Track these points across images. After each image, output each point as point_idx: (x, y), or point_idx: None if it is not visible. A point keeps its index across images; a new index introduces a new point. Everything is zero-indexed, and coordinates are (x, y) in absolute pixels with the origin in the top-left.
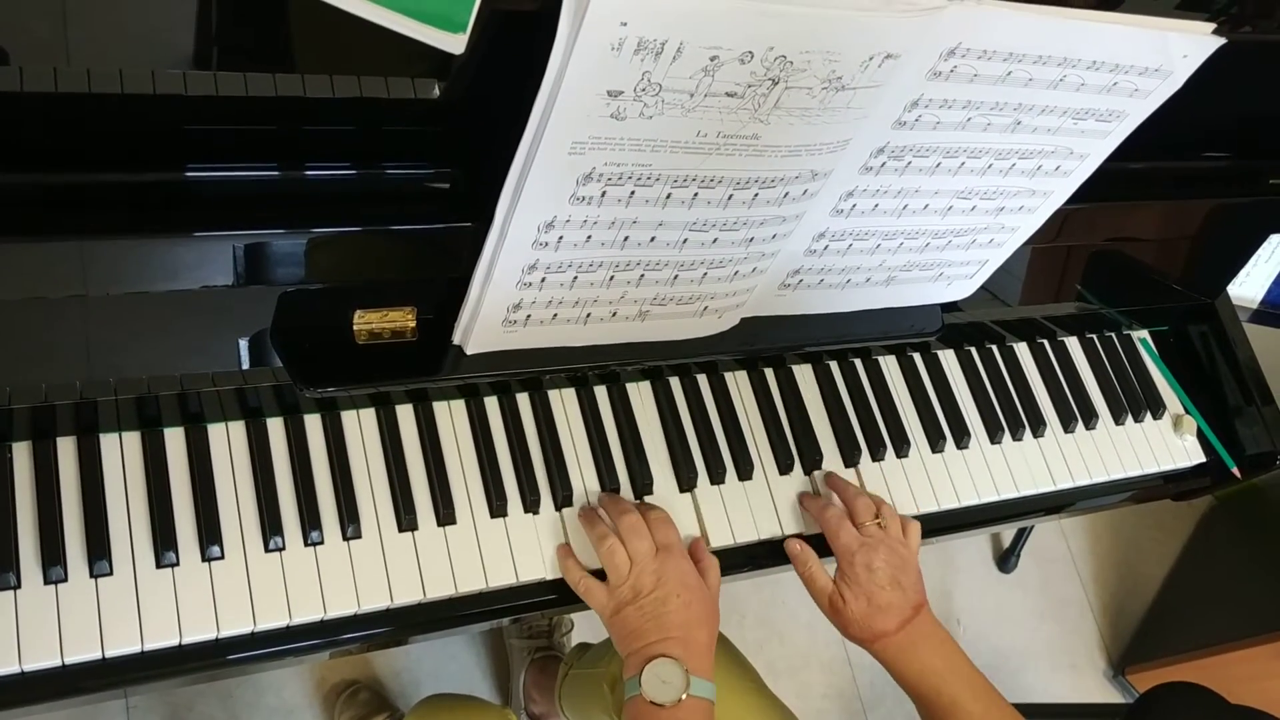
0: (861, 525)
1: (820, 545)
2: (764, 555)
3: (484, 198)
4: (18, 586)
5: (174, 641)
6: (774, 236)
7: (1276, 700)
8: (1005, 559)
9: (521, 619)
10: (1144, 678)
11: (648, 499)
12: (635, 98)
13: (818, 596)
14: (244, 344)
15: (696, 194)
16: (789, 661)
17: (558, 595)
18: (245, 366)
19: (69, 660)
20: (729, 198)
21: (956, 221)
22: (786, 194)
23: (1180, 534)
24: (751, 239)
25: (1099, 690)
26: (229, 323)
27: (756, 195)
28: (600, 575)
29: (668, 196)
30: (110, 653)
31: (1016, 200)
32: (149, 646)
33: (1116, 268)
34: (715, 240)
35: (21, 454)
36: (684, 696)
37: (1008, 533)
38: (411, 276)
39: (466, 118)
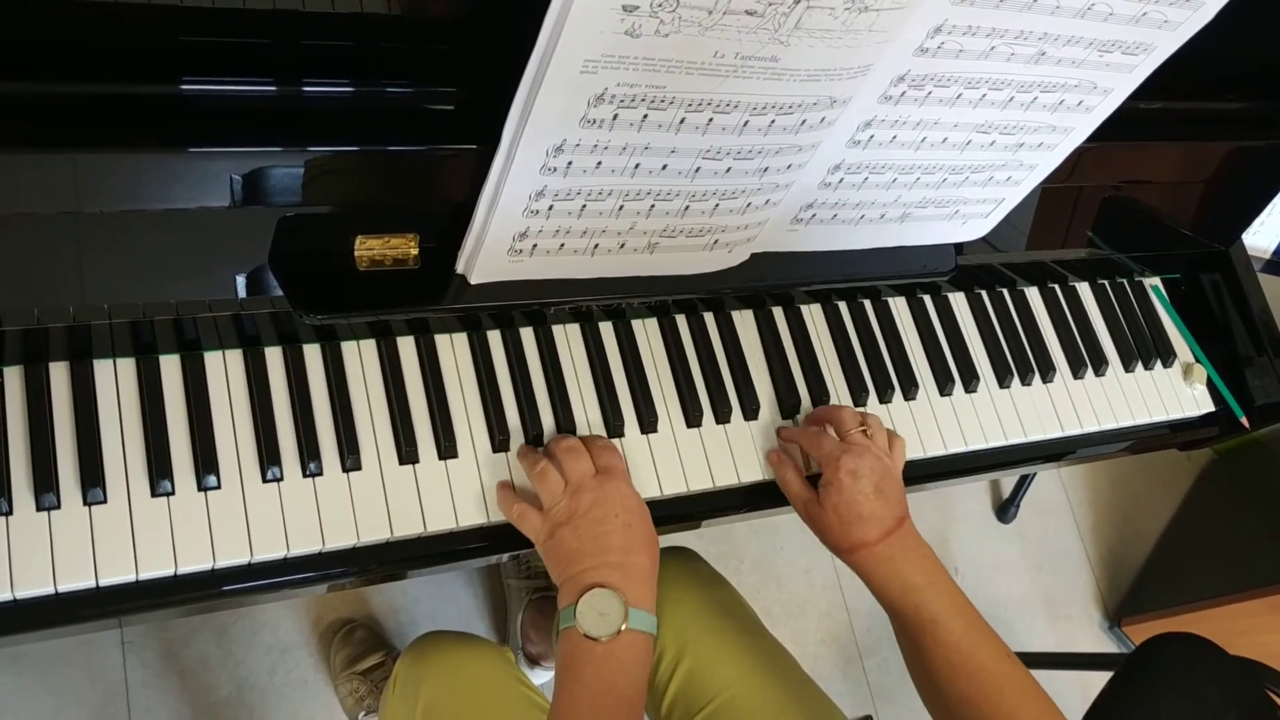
0: (846, 434)
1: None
2: (766, 495)
3: (490, 119)
4: (9, 513)
5: (169, 571)
6: (789, 167)
7: (1271, 654)
8: (1005, 509)
9: (520, 556)
10: (1139, 629)
11: (651, 437)
12: (651, 13)
13: (794, 502)
14: (242, 269)
15: (711, 119)
16: (785, 607)
17: None
18: (243, 294)
19: (62, 588)
20: (745, 124)
21: (974, 157)
22: (804, 121)
23: (1179, 488)
24: (766, 169)
25: (1094, 641)
26: (227, 246)
27: (773, 122)
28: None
29: (681, 121)
30: (105, 581)
31: (1036, 136)
32: (144, 576)
33: (1129, 213)
34: (729, 170)
35: (13, 378)
36: (621, 629)
37: (1007, 483)
38: (414, 201)
39: (472, 34)
